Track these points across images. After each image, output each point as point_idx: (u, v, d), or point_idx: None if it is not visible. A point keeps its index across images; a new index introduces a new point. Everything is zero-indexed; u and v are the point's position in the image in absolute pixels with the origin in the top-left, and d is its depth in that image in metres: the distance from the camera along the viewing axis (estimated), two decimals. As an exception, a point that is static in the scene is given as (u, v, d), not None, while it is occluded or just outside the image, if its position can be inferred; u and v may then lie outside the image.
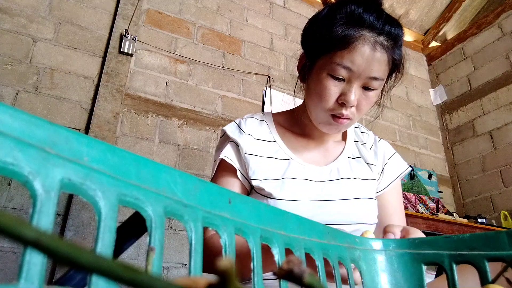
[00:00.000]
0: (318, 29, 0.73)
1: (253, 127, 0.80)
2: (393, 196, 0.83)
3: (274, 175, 0.75)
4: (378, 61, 0.68)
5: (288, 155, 0.79)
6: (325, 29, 0.70)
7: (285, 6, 3.07)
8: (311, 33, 0.76)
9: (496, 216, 2.80)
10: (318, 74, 0.71)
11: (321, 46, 0.71)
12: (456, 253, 0.44)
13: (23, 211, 1.72)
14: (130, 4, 2.32)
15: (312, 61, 0.74)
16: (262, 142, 0.79)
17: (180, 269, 1.94)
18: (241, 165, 0.76)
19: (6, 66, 1.91)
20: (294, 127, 0.85)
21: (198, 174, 2.17)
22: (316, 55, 0.73)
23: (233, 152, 0.77)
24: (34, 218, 0.20)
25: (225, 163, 0.76)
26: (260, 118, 0.84)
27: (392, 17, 0.71)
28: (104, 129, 1.98)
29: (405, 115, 3.29)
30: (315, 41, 0.73)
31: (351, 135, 0.88)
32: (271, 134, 0.82)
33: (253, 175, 0.74)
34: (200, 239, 0.28)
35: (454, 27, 3.66)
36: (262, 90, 2.63)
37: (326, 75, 0.69)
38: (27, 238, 0.11)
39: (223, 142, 0.81)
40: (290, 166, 0.77)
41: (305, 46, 0.78)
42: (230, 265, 0.13)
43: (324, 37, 0.70)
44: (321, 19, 0.74)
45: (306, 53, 0.78)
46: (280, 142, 0.81)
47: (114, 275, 0.12)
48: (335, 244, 0.44)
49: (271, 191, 0.72)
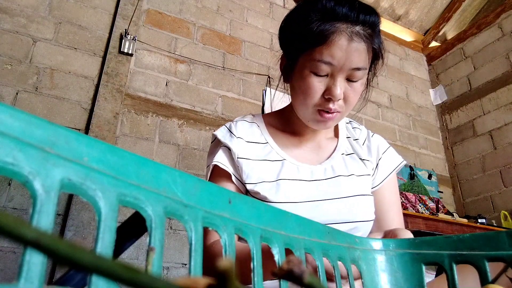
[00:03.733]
0: (293, 28, 0.73)
1: (243, 130, 0.80)
2: (389, 190, 0.83)
3: (268, 177, 0.74)
4: (357, 51, 0.67)
5: (281, 155, 0.78)
6: (300, 27, 0.70)
7: (285, 6, 3.07)
8: (287, 33, 0.76)
9: (496, 216, 2.80)
10: (300, 73, 0.71)
11: (299, 45, 0.71)
12: (456, 253, 0.44)
13: (23, 211, 1.72)
14: (130, 4, 2.32)
15: (292, 61, 0.74)
16: (253, 145, 0.79)
17: (180, 269, 1.94)
18: (235, 170, 0.76)
19: (6, 66, 1.91)
20: (285, 127, 0.85)
21: (198, 174, 2.17)
22: (295, 55, 0.72)
23: (226, 157, 0.76)
24: (34, 218, 0.20)
25: (218, 168, 0.76)
26: (251, 120, 0.83)
27: (366, 5, 0.70)
28: (104, 129, 1.98)
29: (405, 115, 3.29)
30: (292, 40, 0.73)
31: (343, 131, 0.87)
32: (263, 135, 0.81)
33: (247, 179, 0.74)
34: (200, 239, 0.28)
35: (454, 27, 3.66)
36: (262, 90, 2.63)
37: (309, 73, 0.69)
38: (27, 238, 0.11)
39: (215, 147, 0.80)
40: (283, 167, 0.76)
41: (283, 46, 0.78)
42: (229, 265, 0.13)
43: (300, 35, 0.70)
44: (295, 18, 0.74)
45: (286, 53, 0.78)
46: (272, 143, 0.80)
47: (114, 275, 0.12)
48: (335, 244, 0.44)
49: (265, 195, 0.71)
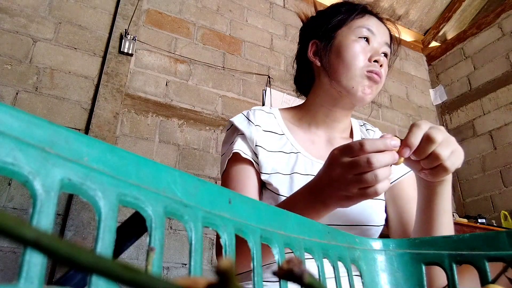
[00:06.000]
0: (334, 9, 0.84)
1: (261, 119, 0.80)
2: (407, 184, 0.80)
3: (282, 169, 0.74)
4: (386, 31, 0.81)
5: (296, 148, 0.78)
6: (343, 7, 0.82)
7: (285, 6, 3.07)
8: (325, 15, 0.85)
9: (496, 216, 2.79)
10: (343, 42, 0.78)
11: (340, 20, 0.80)
12: (456, 253, 0.44)
13: (23, 211, 1.72)
14: (130, 4, 2.32)
15: (329, 38, 0.81)
16: (270, 134, 0.79)
17: (180, 269, 1.94)
18: (254, 157, 0.75)
19: (6, 66, 1.91)
20: (301, 122, 0.85)
21: (198, 174, 2.17)
22: (334, 30, 0.80)
23: (245, 145, 0.76)
24: (34, 218, 0.20)
25: (239, 156, 0.74)
26: (268, 111, 0.83)
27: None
28: (104, 129, 1.98)
29: (405, 115, 3.29)
30: (334, 16, 0.82)
31: (357, 133, 0.88)
32: (279, 126, 0.81)
33: (261, 169, 0.73)
34: (200, 239, 0.28)
35: (454, 27, 3.66)
36: (262, 90, 2.63)
37: (352, 39, 0.77)
38: (27, 238, 0.11)
39: (232, 135, 0.80)
40: (298, 160, 0.76)
41: (317, 28, 0.84)
42: (230, 265, 0.13)
43: (343, 11, 0.81)
44: (332, 7, 0.86)
45: (319, 35, 0.83)
46: (289, 135, 0.80)
47: (114, 275, 0.12)
48: (335, 244, 0.44)
49: (278, 187, 0.71)
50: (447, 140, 0.52)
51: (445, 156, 0.51)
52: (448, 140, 0.52)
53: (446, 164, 0.52)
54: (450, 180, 0.60)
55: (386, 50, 0.79)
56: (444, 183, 0.59)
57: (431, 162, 0.52)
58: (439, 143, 0.51)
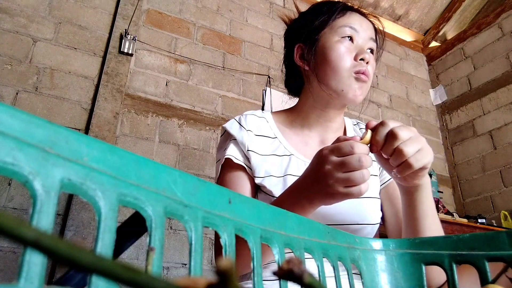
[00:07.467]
0: (315, 10, 0.83)
1: (253, 123, 0.81)
2: None
3: (275, 172, 0.75)
4: (370, 26, 0.80)
5: (289, 150, 0.79)
6: (324, 7, 0.81)
7: (285, 6, 3.07)
8: (307, 18, 0.84)
9: (496, 216, 2.79)
10: (327, 44, 0.77)
11: (322, 21, 0.79)
12: (456, 253, 0.44)
13: (23, 211, 1.72)
14: (130, 4, 2.32)
15: (313, 41, 0.80)
16: (263, 138, 0.79)
17: (180, 269, 1.94)
18: (247, 162, 0.76)
19: (6, 66, 1.91)
20: (293, 124, 0.85)
21: (198, 174, 2.17)
22: (317, 32, 0.80)
23: (237, 150, 0.77)
24: (34, 218, 0.20)
25: (231, 162, 0.76)
26: (260, 115, 0.84)
27: None
28: (104, 129, 1.98)
29: (405, 115, 3.29)
30: (313, 20, 0.81)
31: (351, 132, 0.88)
32: (272, 130, 0.82)
33: (254, 173, 0.74)
34: (200, 239, 0.28)
35: (454, 27, 3.66)
36: (262, 90, 2.63)
37: (336, 40, 0.76)
38: (27, 238, 0.11)
39: (225, 141, 0.81)
40: (291, 162, 0.77)
41: (299, 34, 0.84)
42: (230, 265, 0.13)
43: (324, 12, 0.80)
44: (314, 7, 0.84)
45: (303, 38, 0.83)
46: (281, 138, 0.81)
47: (114, 275, 0.12)
48: (335, 244, 0.44)
49: (271, 189, 0.72)
50: (414, 138, 0.54)
51: (408, 153, 0.53)
52: (414, 138, 0.54)
53: (410, 161, 0.53)
54: (427, 186, 0.61)
55: (371, 45, 0.79)
56: (421, 188, 0.60)
57: (396, 158, 0.54)
58: (403, 139, 0.53)
